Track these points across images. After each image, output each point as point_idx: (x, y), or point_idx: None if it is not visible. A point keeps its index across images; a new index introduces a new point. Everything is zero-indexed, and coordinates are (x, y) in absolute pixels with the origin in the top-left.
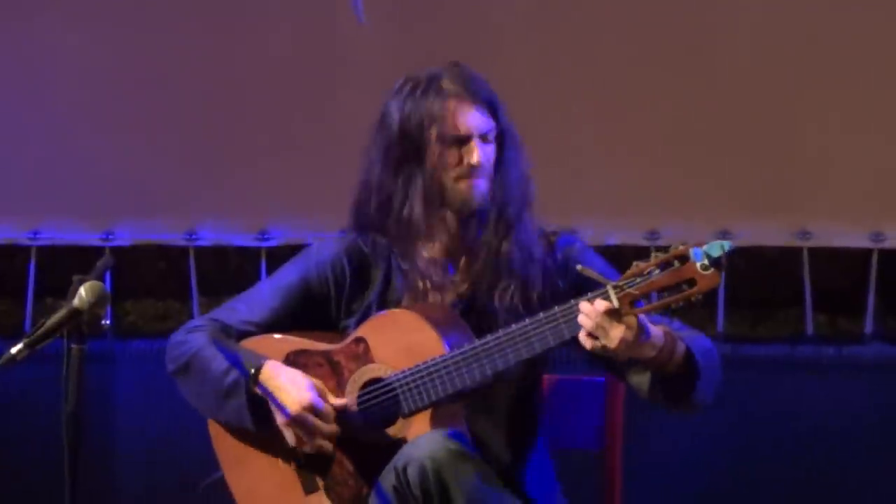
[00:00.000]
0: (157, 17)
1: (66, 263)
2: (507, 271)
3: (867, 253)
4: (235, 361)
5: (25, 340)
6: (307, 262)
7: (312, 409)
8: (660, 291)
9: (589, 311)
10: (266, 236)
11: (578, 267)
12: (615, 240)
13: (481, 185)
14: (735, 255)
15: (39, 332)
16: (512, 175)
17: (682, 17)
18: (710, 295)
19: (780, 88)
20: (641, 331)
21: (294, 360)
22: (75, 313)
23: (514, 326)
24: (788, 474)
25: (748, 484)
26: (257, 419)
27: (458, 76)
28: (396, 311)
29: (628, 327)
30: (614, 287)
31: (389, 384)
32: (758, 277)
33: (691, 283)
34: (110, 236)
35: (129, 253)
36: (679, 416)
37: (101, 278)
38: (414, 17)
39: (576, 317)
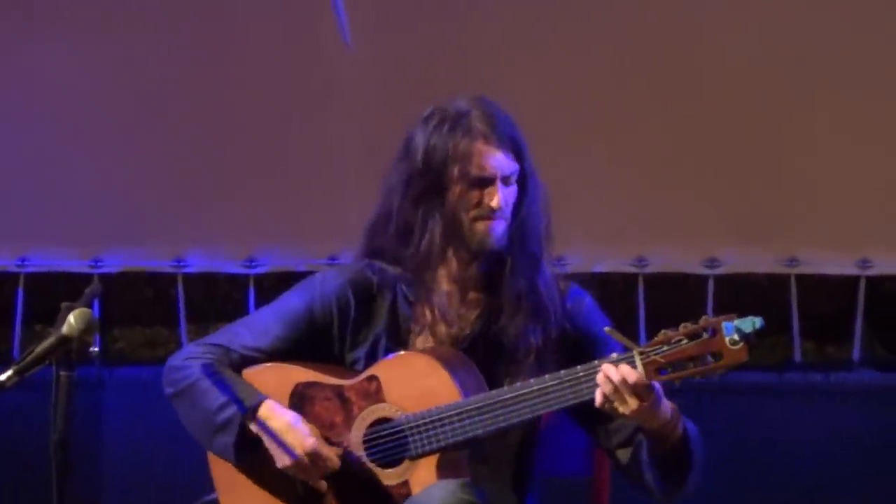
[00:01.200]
0: (144, 46)
1: (54, 290)
2: (525, 311)
3: (854, 280)
4: (232, 397)
5: (14, 367)
6: (311, 293)
7: (315, 454)
8: (685, 361)
9: (612, 375)
10: (254, 263)
11: (607, 329)
12: (603, 267)
13: (499, 227)
14: (722, 281)
15: (28, 358)
16: (534, 216)
17: (669, 45)
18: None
19: (768, 117)
20: (656, 402)
21: (303, 391)
22: (64, 340)
23: (532, 381)
24: (776, 500)
25: None
26: (242, 458)
27: (487, 115)
28: (412, 353)
29: (645, 399)
30: (640, 353)
31: (398, 425)
32: (745, 304)
33: (717, 356)
34: (98, 263)
35: (117, 280)
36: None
37: (90, 305)
38: (401, 42)
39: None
